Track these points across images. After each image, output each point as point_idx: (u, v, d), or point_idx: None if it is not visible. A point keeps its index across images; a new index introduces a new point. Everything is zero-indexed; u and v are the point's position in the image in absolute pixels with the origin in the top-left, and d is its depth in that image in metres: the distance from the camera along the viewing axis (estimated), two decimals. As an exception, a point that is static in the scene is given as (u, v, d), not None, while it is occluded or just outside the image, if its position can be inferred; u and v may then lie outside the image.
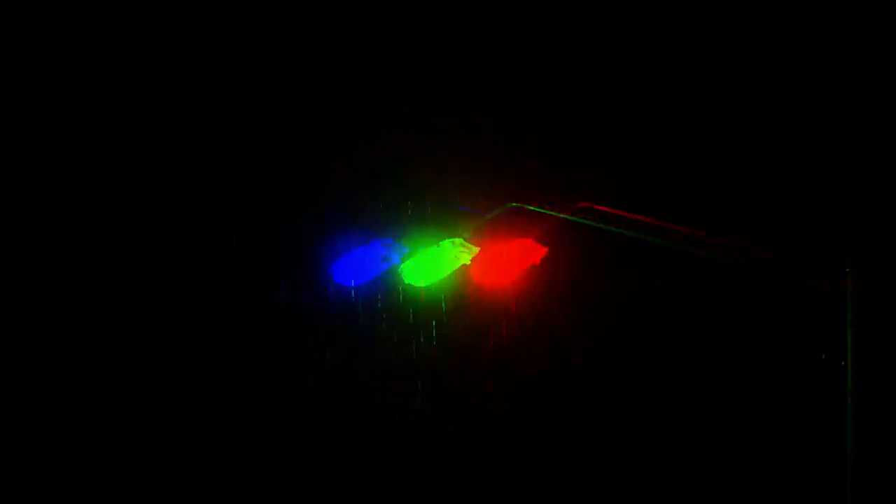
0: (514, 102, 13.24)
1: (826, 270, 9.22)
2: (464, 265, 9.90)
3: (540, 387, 13.50)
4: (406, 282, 10.13)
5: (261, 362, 13.78)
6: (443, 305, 12.93)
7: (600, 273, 12.93)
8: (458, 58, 13.32)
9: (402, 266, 10.16)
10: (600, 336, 13.27)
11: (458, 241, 9.91)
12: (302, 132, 13.69)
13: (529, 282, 10.99)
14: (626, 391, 13.25)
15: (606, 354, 13.30)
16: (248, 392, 13.77)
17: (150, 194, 13.76)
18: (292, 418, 13.78)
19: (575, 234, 11.04)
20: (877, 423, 9.00)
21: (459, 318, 13.23)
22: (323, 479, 13.74)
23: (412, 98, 13.45)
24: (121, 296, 13.69)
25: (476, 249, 9.93)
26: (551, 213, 9.43)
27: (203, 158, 13.72)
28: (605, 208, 9.43)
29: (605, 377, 13.32)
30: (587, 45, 12.95)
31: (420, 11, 13.36)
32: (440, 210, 11.36)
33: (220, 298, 13.75)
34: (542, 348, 13.42)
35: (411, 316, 13.31)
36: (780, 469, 12.59)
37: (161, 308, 13.76)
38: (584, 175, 12.70)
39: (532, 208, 9.50)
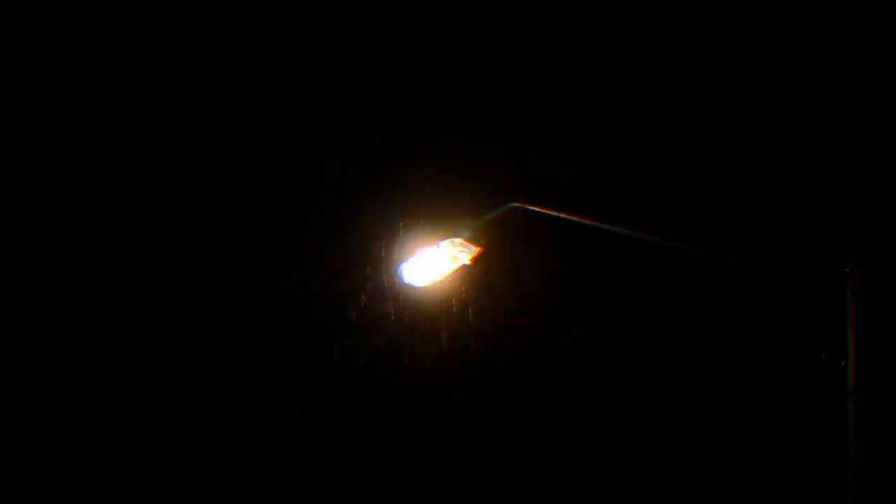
0: (511, 104, 13.26)
1: (826, 270, 9.22)
2: (463, 265, 9.88)
3: (535, 387, 13.52)
4: (406, 282, 10.11)
5: (256, 363, 13.81)
6: (442, 305, 12.96)
7: (586, 272, 12.96)
8: (457, 58, 13.33)
9: (402, 266, 10.14)
10: (588, 335, 13.30)
11: (458, 241, 9.89)
12: (308, 132, 13.71)
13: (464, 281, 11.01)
14: (618, 391, 13.27)
15: (595, 355, 13.33)
16: (244, 393, 13.80)
17: (151, 193, 13.79)
18: (292, 420, 13.80)
19: (558, 234, 11.05)
20: (877, 424, 9.00)
21: (460, 317, 13.25)
22: (322, 476, 13.75)
23: (412, 98, 13.46)
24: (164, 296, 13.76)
25: (476, 249, 9.91)
26: (550, 212, 9.43)
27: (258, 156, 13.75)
28: (535, 208, 9.43)
29: (596, 377, 13.35)
30: (577, 47, 12.98)
31: (421, 14, 13.39)
32: (440, 210, 11.37)
33: (226, 298, 13.79)
34: (534, 348, 13.45)
35: (410, 316, 13.33)
36: (780, 469, 12.59)
37: (163, 306, 13.79)
38: (574, 174, 12.72)
39: (531, 208, 9.49)
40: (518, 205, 9.50)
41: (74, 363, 13.58)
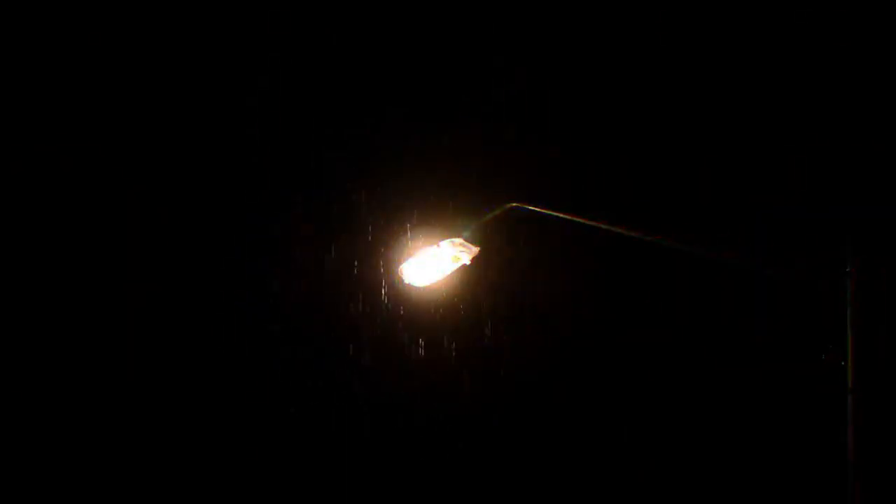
0: (511, 104, 13.26)
1: (826, 269, 9.21)
2: (463, 265, 9.88)
3: (535, 387, 13.51)
4: (406, 282, 10.10)
5: (257, 363, 13.80)
6: (442, 305, 12.95)
7: (586, 272, 12.95)
8: (457, 58, 13.33)
9: (403, 266, 10.13)
10: (589, 335, 13.29)
11: (458, 241, 9.88)
12: (308, 132, 13.72)
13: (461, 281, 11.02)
14: (618, 391, 13.26)
15: (595, 355, 13.32)
16: (245, 393, 13.78)
17: (150, 193, 13.79)
18: (289, 419, 13.79)
19: (558, 235, 11.03)
20: (877, 423, 9.00)
21: (459, 317, 13.24)
22: (321, 476, 13.74)
23: (412, 98, 13.46)
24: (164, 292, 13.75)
25: (476, 249, 9.90)
26: (551, 213, 9.42)
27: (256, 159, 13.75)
28: (536, 208, 9.43)
29: (596, 377, 13.34)
30: (577, 48, 12.97)
31: (422, 14, 13.38)
32: (440, 210, 11.36)
33: (226, 298, 13.78)
34: (533, 348, 13.45)
35: (411, 316, 13.32)
36: (780, 469, 12.59)
37: (163, 306, 13.79)
38: (575, 175, 12.72)
39: (531, 208, 9.49)
40: (518, 205, 9.50)
41: (74, 363, 13.57)
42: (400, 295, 13.00)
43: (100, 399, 13.61)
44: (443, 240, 9.72)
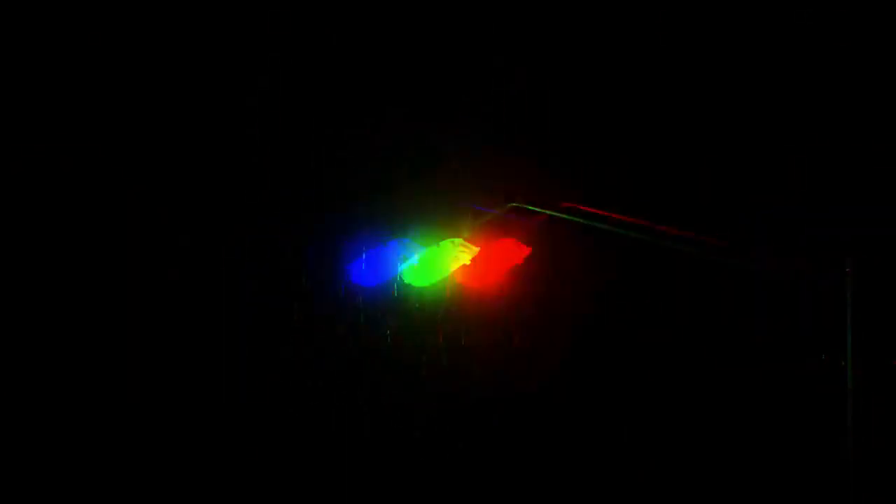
0: (511, 103, 13.26)
1: (826, 269, 9.22)
2: (464, 265, 9.90)
3: (535, 387, 13.51)
4: (406, 282, 10.11)
5: (261, 362, 13.80)
6: (442, 305, 12.95)
7: (588, 271, 12.95)
8: (457, 58, 13.33)
9: (403, 266, 10.15)
10: (589, 335, 13.28)
11: (458, 241, 9.90)
12: (308, 132, 13.71)
13: (513, 282, 11.02)
14: (618, 391, 13.26)
15: (595, 355, 13.32)
16: (249, 393, 13.78)
17: (150, 193, 13.78)
18: (292, 420, 13.79)
19: (559, 234, 11.03)
20: (877, 424, 9.00)
21: (458, 318, 13.24)
22: (321, 482, 13.75)
23: (412, 98, 13.46)
24: (123, 295, 13.74)
25: (476, 249, 9.93)
26: (550, 213, 9.43)
27: (210, 157, 13.75)
28: (589, 208, 9.45)
29: (596, 377, 13.34)
30: (577, 47, 12.98)
31: (422, 13, 13.39)
32: (440, 210, 11.36)
33: (226, 299, 13.78)
34: (531, 347, 13.45)
35: (411, 316, 13.32)
36: (780, 469, 12.59)
37: (163, 307, 13.78)
38: (575, 175, 12.73)
39: (531, 208, 9.50)
40: (518, 205, 9.51)
41: (75, 363, 13.57)
42: (400, 295, 12.99)
43: (99, 398, 13.61)
44: (443, 240, 9.73)
